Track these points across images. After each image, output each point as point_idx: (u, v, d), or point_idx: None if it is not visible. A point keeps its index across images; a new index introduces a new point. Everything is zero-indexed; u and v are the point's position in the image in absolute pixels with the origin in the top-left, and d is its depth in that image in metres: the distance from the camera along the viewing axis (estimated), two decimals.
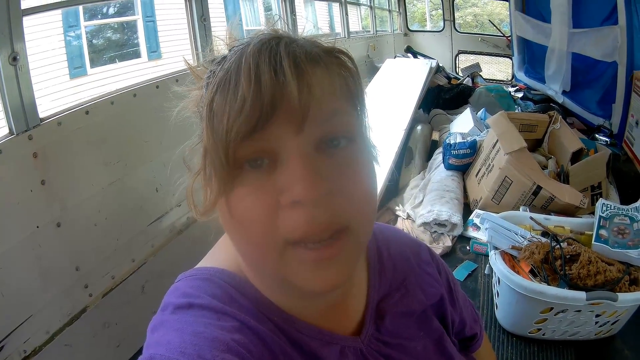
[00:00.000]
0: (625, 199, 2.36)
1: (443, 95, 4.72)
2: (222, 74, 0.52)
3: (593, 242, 1.58)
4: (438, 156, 3.07)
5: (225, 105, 0.50)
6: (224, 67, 0.53)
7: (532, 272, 1.54)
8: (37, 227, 1.70)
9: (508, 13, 6.00)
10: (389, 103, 3.70)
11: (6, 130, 1.63)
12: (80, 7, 4.54)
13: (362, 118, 0.59)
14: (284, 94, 0.49)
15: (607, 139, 3.25)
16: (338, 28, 5.90)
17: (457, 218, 2.25)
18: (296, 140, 0.50)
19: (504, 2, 6.35)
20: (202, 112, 0.54)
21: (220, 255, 0.67)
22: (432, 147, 3.51)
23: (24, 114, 1.64)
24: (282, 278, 0.54)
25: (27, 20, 1.64)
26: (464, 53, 7.53)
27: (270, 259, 0.53)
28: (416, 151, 3.33)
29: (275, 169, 0.51)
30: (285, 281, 0.54)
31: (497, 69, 7.95)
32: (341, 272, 0.53)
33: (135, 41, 5.67)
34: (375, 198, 0.58)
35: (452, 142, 2.79)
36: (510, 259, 1.61)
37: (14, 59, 1.58)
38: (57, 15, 4.20)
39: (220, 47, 0.60)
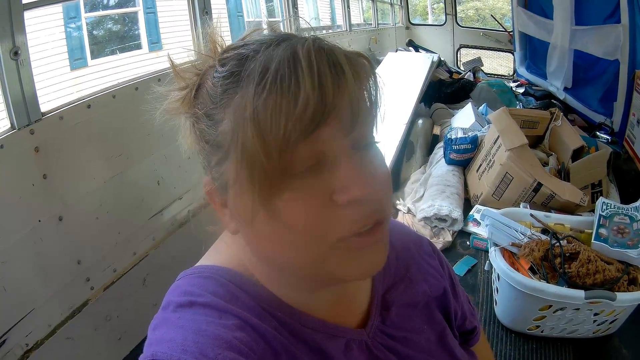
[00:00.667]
0: (626, 198, 2.37)
1: (444, 90, 4.71)
2: (269, 74, 0.49)
3: (593, 240, 1.59)
4: (439, 151, 3.07)
5: (281, 107, 0.48)
6: (262, 66, 0.50)
7: (531, 269, 1.54)
8: (39, 221, 1.70)
9: (510, 8, 5.97)
10: (391, 97, 3.68)
11: (8, 125, 1.63)
12: (81, 0, 4.53)
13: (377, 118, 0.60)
14: (345, 94, 0.50)
15: (608, 137, 3.25)
16: (339, 21, 5.88)
17: (457, 213, 2.26)
18: (345, 141, 0.52)
19: None
20: (221, 115, 0.53)
21: (222, 253, 0.67)
22: (433, 141, 3.51)
23: (26, 108, 1.64)
24: (325, 272, 0.55)
25: (27, 13, 1.63)
26: (466, 47, 7.50)
27: (315, 258, 0.54)
28: (417, 145, 3.33)
29: (322, 170, 0.51)
30: (327, 274, 0.55)
31: (499, 63, 7.93)
32: (383, 254, 0.57)
33: (136, 32, 5.65)
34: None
35: (453, 137, 2.79)
36: (510, 256, 1.61)
37: (15, 53, 1.57)
38: (57, 7, 4.18)
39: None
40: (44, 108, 1.72)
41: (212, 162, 0.57)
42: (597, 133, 3.35)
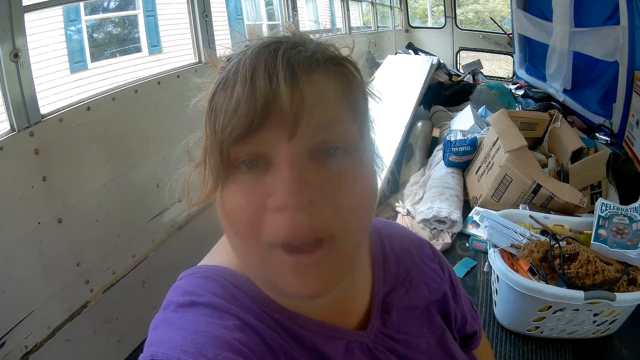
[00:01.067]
0: (625, 199, 2.37)
1: (444, 92, 4.71)
2: (224, 73, 0.54)
3: (592, 241, 1.59)
4: (438, 153, 3.07)
5: (223, 104, 0.52)
6: (227, 68, 0.55)
7: (530, 270, 1.54)
8: (39, 223, 1.70)
9: (509, 10, 5.98)
10: (390, 99, 3.69)
11: (7, 127, 1.63)
12: (81, 2, 4.54)
13: (363, 128, 0.59)
14: (277, 101, 0.50)
15: (607, 139, 3.25)
16: (339, 24, 5.89)
17: (456, 215, 2.26)
18: (288, 146, 0.51)
19: None
20: (204, 106, 0.56)
21: (222, 254, 0.67)
22: (432, 143, 3.51)
23: (25, 110, 1.64)
24: (266, 278, 0.56)
25: (28, 15, 1.64)
26: (465, 50, 7.51)
27: (254, 259, 0.54)
28: (416, 148, 3.33)
29: (266, 172, 0.52)
30: (269, 281, 0.55)
31: (498, 66, 7.94)
32: (322, 280, 0.53)
33: (136, 35, 5.66)
34: (370, 209, 0.58)
35: (452, 139, 2.80)
36: (509, 257, 1.61)
37: (16, 55, 1.58)
38: (58, 9, 4.19)
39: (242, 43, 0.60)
40: (43, 110, 1.72)
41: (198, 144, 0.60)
42: (597, 134, 3.35)
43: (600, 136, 3.31)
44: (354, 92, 0.57)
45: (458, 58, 7.55)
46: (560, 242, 1.58)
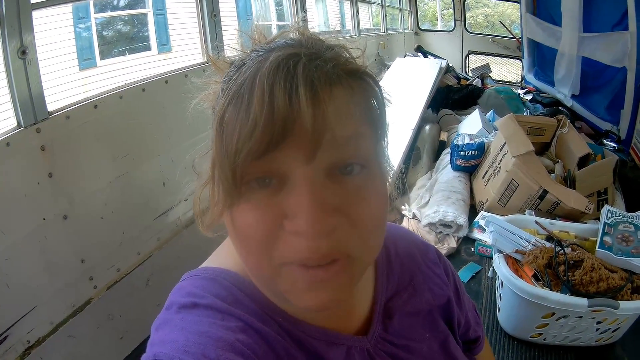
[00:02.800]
0: (631, 206, 2.35)
1: (452, 96, 4.71)
2: (235, 88, 0.50)
3: (597, 248, 1.58)
4: (445, 157, 3.06)
5: (237, 123, 0.48)
6: (238, 79, 0.51)
7: (535, 276, 1.54)
8: (44, 219, 1.71)
9: (519, 14, 5.96)
10: (398, 102, 3.68)
11: (15, 123, 1.64)
12: (91, 0, 4.56)
13: (380, 141, 0.58)
14: (297, 121, 0.47)
15: (614, 145, 3.24)
16: (349, 25, 5.89)
17: (462, 219, 2.25)
18: (306, 167, 0.49)
19: (515, 3, 6.32)
20: (214, 119, 0.53)
21: (227, 256, 0.67)
22: (440, 147, 3.50)
23: (33, 107, 1.65)
24: (277, 290, 0.55)
25: (37, 12, 1.65)
26: (474, 53, 7.50)
27: (265, 274, 0.53)
28: (424, 151, 3.32)
29: (282, 190, 0.50)
30: (280, 293, 0.54)
31: (507, 70, 7.91)
32: (334, 294, 0.52)
33: (146, 34, 5.67)
34: (384, 226, 0.57)
35: (460, 143, 2.79)
36: (514, 263, 1.61)
37: (23, 52, 1.59)
38: (67, 7, 4.20)
39: (246, 43, 0.59)
40: (51, 107, 1.73)
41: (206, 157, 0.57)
42: (604, 141, 3.34)
43: (608, 142, 3.30)
44: (373, 105, 0.55)
45: (467, 62, 7.54)
46: (565, 249, 1.57)
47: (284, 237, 0.50)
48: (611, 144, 3.27)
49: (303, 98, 0.47)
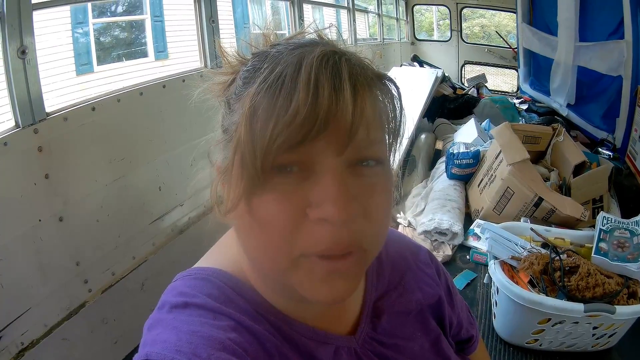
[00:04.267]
0: (626, 213, 2.36)
1: (448, 105, 4.72)
2: (273, 76, 0.50)
3: (593, 254, 1.58)
4: (441, 165, 3.07)
5: (274, 110, 0.48)
6: (275, 68, 0.50)
7: (530, 282, 1.54)
8: (39, 220, 1.71)
9: (515, 25, 6.01)
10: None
11: (12, 123, 1.64)
12: (89, 4, 4.56)
13: (393, 146, 0.60)
14: (338, 114, 0.48)
15: (610, 153, 3.25)
16: (345, 35, 5.92)
17: (458, 227, 2.25)
18: (336, 160, 0.50)
19: (512, 13, 6.36)
20: (235, 105, 0.54)
21: (219, 256, 0.67)
22: (435, 156, 3.51)
23: (31, 107, 1.65)
24: (288, 285, 0.55)
25: (36, 15, 1.65)
26: (470, 63, 7.55)
27: (280, 266, 0.53)
28: (419, 160, 3.32)
29: (306, 179, 0.50)
30: (290, 287, 0.55)
31: (503, 80, 7.96)
32: (348, 285, 0.54)
33: (143, 40, 5.68)
34: (389, 223, 0.59)
35: (455, 151, 2.79)
36: (510, 269, 1.61)
37: (23, 52, 1.59)
38: (65, 11, 4.22)
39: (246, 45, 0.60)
40: (48, 108, 1.73)
41: (223, 145, 0.57)
42: (599, 149, 3.35)
43: (603, 151, 3.31)
44: (395, 111, 0.58)
45: (463, 71, 7.58)
46: (560, 255, 1.57)
47: (307, 227, 0.50)
48: (607, 152, 3.27)
49: (347, 92, 0.48)
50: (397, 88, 0.59)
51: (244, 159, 0.50)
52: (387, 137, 0.57)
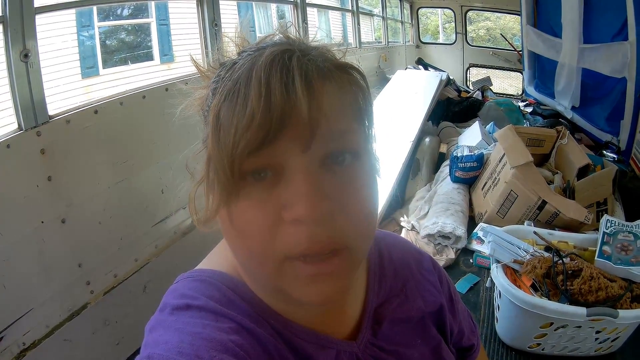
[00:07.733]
0: (631, 216, 2.34)
1: (452, 108, 4.72)
2: (230, 84, 0.51)
3: (596, 258, 1.57)
4: (445, 168, 3.06)
5: (233, 117, 0.49)
6: (232, 76, 0.52)
7: (533, 286, 1.53)
8: (42, 222, 1.71)
9: (520, 27, 6.00)
10: (398, 114, 3.70)
11: (15, 126, 1.65)
12: (95, 8, 4.57)
13: (368, 135, 0.59)
14: (294, 111, 0.48)
15: (614, 156, 3.23)
16: (351, 38, 5.93)
17: (461, 231, 2.24)
18: (302, 158, 0.50)
19: (517, 16, 6.36)
20: (208, 117, 0.54)
21: (220, 258, 0.67)
22: (439, 159, 3.50)
23: (34, 110, 1.66)
24: (279, 289, 0.55)
25: (40, 19, 1.66)
26: (475, 66, 7.54)
27: (267, 270, 0.53)
28: (423, 163, 3.32)
29: (278, 183, 0.51)
30: (282, 291, 0.54)
31: (508, 83, 7.96)
32: (336, 287, 0.53)
33: (149, 44, 5.70)
34: (376, 216, 0.58)
35: (459, 154, 2.78)
36: (512, 273, 1.60)
37: (26, 55, 1.60)
38: (70, 14, 4.23)
39: (230, 48, 0.60)
40: (51, 111, 1.74)
41: (200, 156, 0.58)
42: (604, 152, 3.33)
43: (608, 153, 3.29)
44: (362, 99, 0.57)
45: (468, 74, 7.57)
46: (563, 259, 1.56)
47: (283, 230, 0.50)
48: (611, 154, 3.26)
49: (299, 89, 0.48)
50: (363, 76, 0.58)
51: (216, 169, 0.51)
52: (360, 126, 0.56)
